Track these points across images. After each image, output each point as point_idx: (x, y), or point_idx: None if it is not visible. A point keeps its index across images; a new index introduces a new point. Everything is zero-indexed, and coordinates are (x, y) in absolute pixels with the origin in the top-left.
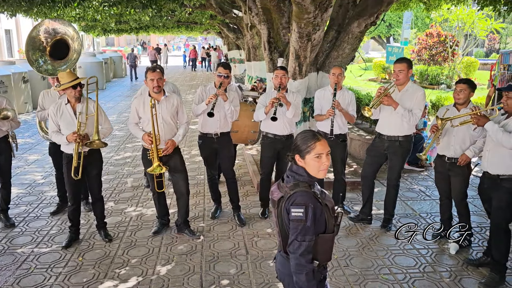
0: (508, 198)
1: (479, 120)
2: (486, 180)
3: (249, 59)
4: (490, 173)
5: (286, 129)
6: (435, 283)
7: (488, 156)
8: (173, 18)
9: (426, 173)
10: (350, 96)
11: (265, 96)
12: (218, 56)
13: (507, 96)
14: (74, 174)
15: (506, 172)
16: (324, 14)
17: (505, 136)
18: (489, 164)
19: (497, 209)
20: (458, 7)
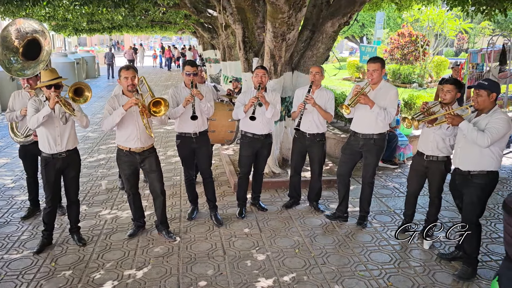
0: (479, 194)
1: (454, 120)
2: (458, 177)
3: (225, 59)
4: (461, 170)
5: (264, 128)
6: (409, 278)
7: (460, 153)
8: (147, 17)
9: (400, 170)
10: (328, 95)
11: (244, 94)
12: (194, 56)
13: (477, 94)
14: None
15: (476, 168)
16: (298, 14)
17: (479, 135)
18: (460, 161)
19: (468, 205)
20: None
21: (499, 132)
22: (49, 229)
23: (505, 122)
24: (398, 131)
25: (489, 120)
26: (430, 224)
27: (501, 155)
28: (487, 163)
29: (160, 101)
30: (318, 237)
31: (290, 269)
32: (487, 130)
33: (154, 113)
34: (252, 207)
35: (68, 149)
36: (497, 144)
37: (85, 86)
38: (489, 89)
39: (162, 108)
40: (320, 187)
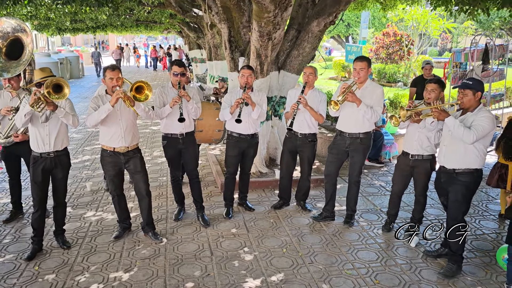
0: (464, 192)
1: (440, 114)
2: (443, 175)
3: (211, 58)
4: (446, 168)
5: (250, 128)
6: (396, 276)
7: (445, 150)
8: (132, 17)
9: (386, 168)
10: (320, 97)
11: (230, 95)
12: (179, 56)
13: (462, 93)
14: None
15: (461, 166)
16: (284, 13)
17: (465, 131)
18: (446, 159)
19: (453, 202)
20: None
21: (484, 129)
22: (39, 235)
23: (490, 120)
24: (384, 130)
25: (475, 118)
26: (415, 222)
27: (485, 153)
28: (472, 161)
29: (142, 85)
30: (306, 237)
31: (277, 269)
32: (473, 127)
33: (139, 99)
34: (240, 207)
35: (57, 150)
36: (481, 141)
37: (64, 82)
38: (474, 88)
39: (146, 93)
40: (309, 186)
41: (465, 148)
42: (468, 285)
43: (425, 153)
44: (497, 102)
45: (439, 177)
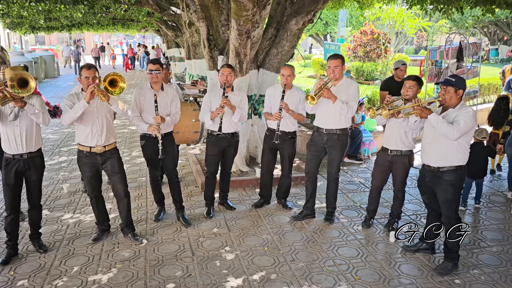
0: (451, 191)
1: (423, 112)
2: (428, 174)
3: (189, 57)
4: (431, 166)
5: (231, 127)
6: (376, 271)
7: (429, 149)
8: (108, 15)
9: (365, 165)
10: (299, 95)
11: (209, 94)
12: (157, 54)
13: (444, 90)
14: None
15: (446, 164)
16: (262, 12)
17: (449, 127)
18: (430, 157)
19: (444, 203)
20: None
21: (467, 125)
22: (13, 239)
23: (472, 116)
24: (362, 127)
25: (457, 114)
26: (394, 217)
27: (467, 149)
28: (456, 157)
29: (115, 78)
30: (287, 234)
31: (259, 268)
32: (456, 123)
33: (113, 92)
34: (220, 206)
35: (30, 151)
36: (464, 138)
37: (28, 76)
38: (456, 86)
39: (120, 85)
40: (290, 184)
41: (448, 145)
42: (446, 278)
43: (404, 149)
44: (471, 99)
45: (423, 176)
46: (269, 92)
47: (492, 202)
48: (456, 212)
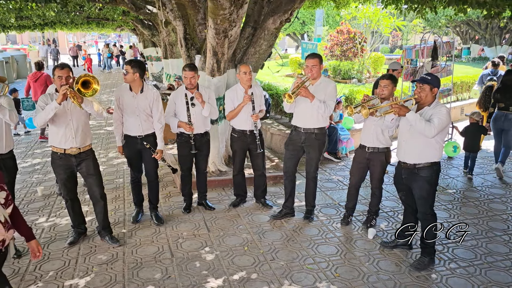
0: (427, 187)
1: (401, 110)
2: (404, 171)
3: (166, 56)
4: (407, 163)
5: (200, 127)
6: (355, 268)
7: (405, 146)
8: (82, 13)
9: (343, 163)
10: (260, 92)
11: (174, 97)
12: (134, 54)
13: (420, 88)
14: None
15: (422, 160)
16: (239, 10)
17: (427, 125)
18: (406, 154)
19: (419, 199)
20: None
21: (443, 123)
22: None
23: (447, 114)
24: (340, 126)
25: (433, 112)
26: (372, 214)
27: (442, 146)
28: (431, 154)
29: (88, 79)
30: (267, 233)
31: (239, 267)
32: (432, 121)
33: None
34: (200, 206)
35: (1, 153)
36: (439, 135)
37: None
38: (432, 84)
39: (94, 87)
40: (265, 181)
41: (424, 142)
42: (423, 273)
43: (381, 146)
44: (444, 97)
45: (399, 173)
46: (231, 95)
47: (466, 198)
48: (431, 208)
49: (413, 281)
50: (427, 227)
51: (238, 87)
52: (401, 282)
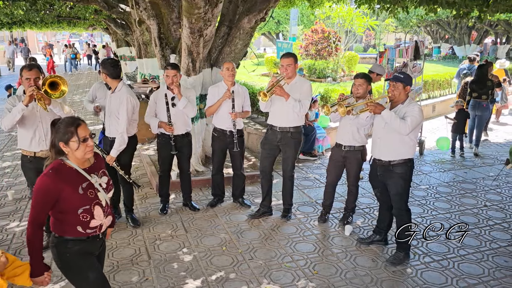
0: (401, 184)
1: (376, 108)
2: (379, 168)
3: (140, 56)
4: (382, 160)
5: (182, 128)
6: (333, 265)
7: (380, 143)
8: (52, 12)
9: (319, 161)
10: (243, 92)
11: (155, 97)
12: (107, 53)
13: (393, 86)
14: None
15: (396, 157)
16: (214, 9)
17: (401, 123)
18: (381, 152)
19: (395, 195)
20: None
21: (417, 120)
22: None
23: (420, 112)
24: (316, 124)
25: (407, 110)
26: (349, 211)
27: (416, 143)
28: (405, 151)
29: (56, 81)
30: (245, 233)
31: (218, 268)
32: (406, 118)
33: (52, 95)
34: (182, 207)
35: None
36: (412, 132)
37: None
38: (404, 82)
39: (62, 89)
40: (244, 181)
41: (399, 139)
42: (399, 268)
43: (357, 144)
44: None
45: (374, 170)
46: (212, 92)
47: (439, 193)
48: (406, 204)
49: (389, 276)
50: (402, 222)
51: (222, 83)
52: (378, 278)
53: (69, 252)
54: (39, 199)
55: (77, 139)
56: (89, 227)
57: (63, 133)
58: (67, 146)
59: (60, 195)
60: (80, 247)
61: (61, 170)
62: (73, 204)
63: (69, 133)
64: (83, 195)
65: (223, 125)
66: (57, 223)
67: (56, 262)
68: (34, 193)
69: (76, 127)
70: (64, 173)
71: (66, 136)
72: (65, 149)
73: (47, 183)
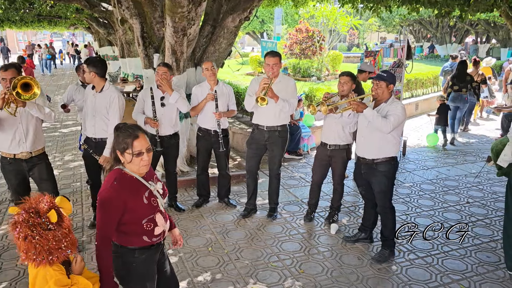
0: (385, 182)
1: (359, 106)
2: (363, 166)
3: (123, 55)
4: (366, 158)
5: (169, 129)
6: (319, 263)
7: (363, 142)
8: (32, 11)
9: (305, 160)
10: (228, 91)
11: (145, 92)
12: (89, 53)
13: (377, 85)
14: None
15: (380, 155)
16: (198, 8)
17: (383, 121)
18: (365, 150)
19: (378, 193)
20: (322, 4)
21: (399, 119)
22: None
23: (403, 110)
24: (301, 123)
25: (390, 109)
26: (334, 210)
27: (399, 141)
28: (389, 149)
29: (29, 82)
30: (230, 233)
31: (204, 269)
32: (389, 117)
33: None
34: (170, 208)
35: None
36: (395, 131)
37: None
38: (387, 81)
39: (34, 91)
40: (229, 181)
41: (382, 138)
42: (384, 265)
43: (342, 143)
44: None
45: (359, 168)
46: (196, 92)
47: (422, 190)
48: (390, 201)
49: (375, 274)
50: (386, 220)
51: (205, 83)
52: (364, 275)
53: (135, 262)
54: (106, 212)
55: (131, 152)
56: (154, 235)
57: (120, 142)
58: (122, 156)
59: (126, 206)
60: (146, 255)
61: (123, 180)
62: (139, 215)
63: (125, 144)
64: (148, 204)
65: (208, 125)
66: (120, 234)
67: (116, 272)
68: (99, 207)
69: (133, 140)
70: (127, 183)
71: (122, 146)
72: (121, 158)
73: (113, 196)
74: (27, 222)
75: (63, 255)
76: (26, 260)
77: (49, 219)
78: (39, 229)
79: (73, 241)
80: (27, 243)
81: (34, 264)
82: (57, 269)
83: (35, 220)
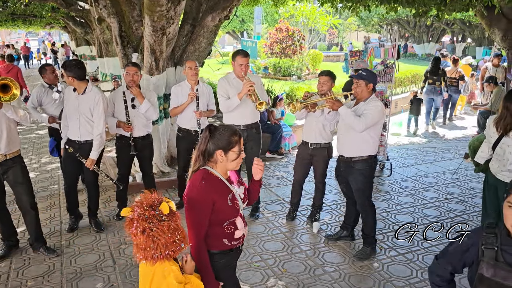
0: (363, 179)
1: (334, 104)
2: (342, 164)
3: (101, 55)
4: (344, 156)
5: (141, 130)
6: (301, 262)
7: (342, 140)
8: (6, 10)
9: (286, 159)
10: (208, 91)
11: (115, 93)
12: (66, 52)
13: (356, 83)
14: None
15: (357, 154)
16: (177, 7)
17: (356, 119)
18: (343, 148)
19: (357, 191)
20: (302, 4)
21: (373, 118)
22: None
23: (379, 109)
24: (282, 122)
25: (365, 108)
26: (316, 209)
27: (377, 140)
28: (366, 148)
29: (7, 83)
30: None
31: None
32: (363, 116)
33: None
34: None
35: None
36: (373, 130)
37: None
38: (367, 80)
39: (13, 92)
40: None
41: (359, 136)
42: (366, 263)
43: (323, 142)
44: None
45: (338, 166)
46: (175, 91)
47: (402, 188)
48: (369, 199)
49: (356, 271)
50: (367, 217)
51: (185, 83)
52: (346, 273)
53: (216, 266)
54: (198, 212)
55: (238, 150)
56: (234, 239)
57: (226, 141)
58: (225, 155)
59: (214, 205)
60: (225, 260)
61: (210, 180)
62: (223, 216)
63: (233, 142)
64: (232, 206)
65: (188, 125)
66: None
67: None
68: (189, 208)
69: (239, 137)
70: (214, 183)
71: (230, 145)
72: (220, 158)
73: (202, 195)
74: (143, 216)
75: (178, 248)
76: (144, 259)
77: (161, 211)
78: (155, 221)
79: (185, 234)
80: (145, 237)
81: (151, 262)
82: (173, 264)
83: (150, 213)
